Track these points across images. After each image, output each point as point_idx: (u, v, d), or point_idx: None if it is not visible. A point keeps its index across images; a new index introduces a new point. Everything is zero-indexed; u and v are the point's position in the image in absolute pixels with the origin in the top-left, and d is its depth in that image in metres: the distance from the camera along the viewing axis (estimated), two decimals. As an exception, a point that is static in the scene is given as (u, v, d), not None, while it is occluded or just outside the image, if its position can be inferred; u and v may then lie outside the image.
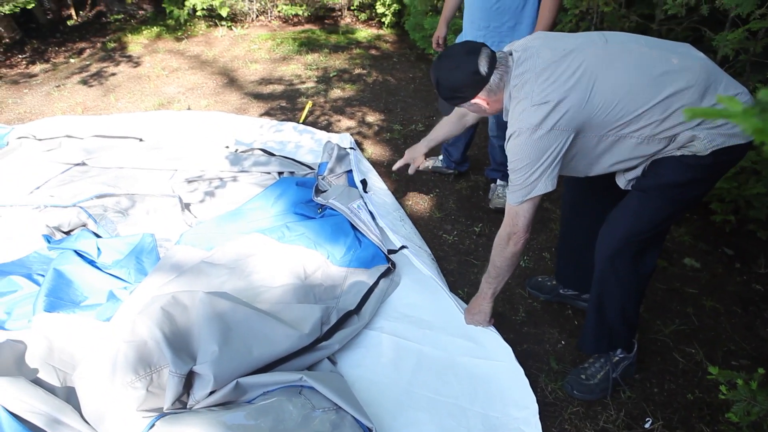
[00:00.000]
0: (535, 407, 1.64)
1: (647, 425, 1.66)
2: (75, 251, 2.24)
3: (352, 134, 3.55)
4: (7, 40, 5.94)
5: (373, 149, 3.42)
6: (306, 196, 2.60)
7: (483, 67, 1.50)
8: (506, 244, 1.64)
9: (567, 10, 3.17)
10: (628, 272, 1.61)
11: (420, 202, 2.87)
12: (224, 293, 1.87)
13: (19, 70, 5.34)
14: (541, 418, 1.62)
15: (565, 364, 1.86)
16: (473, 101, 1.58)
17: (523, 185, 1.51)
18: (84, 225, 2.47)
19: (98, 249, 2.27)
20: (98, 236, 2.39)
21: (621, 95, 1.39)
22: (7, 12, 5.05)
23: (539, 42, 1.51)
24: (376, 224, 2.34)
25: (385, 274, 2.13)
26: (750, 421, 1.29)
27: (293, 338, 1.65)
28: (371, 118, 3.86)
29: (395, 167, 2.30)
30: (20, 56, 5.70)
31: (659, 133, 1.41)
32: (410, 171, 2.26)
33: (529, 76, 1.45)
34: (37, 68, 5.35)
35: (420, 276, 2.18)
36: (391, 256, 2.20)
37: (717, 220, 2.44)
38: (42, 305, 1.93)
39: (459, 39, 2.78)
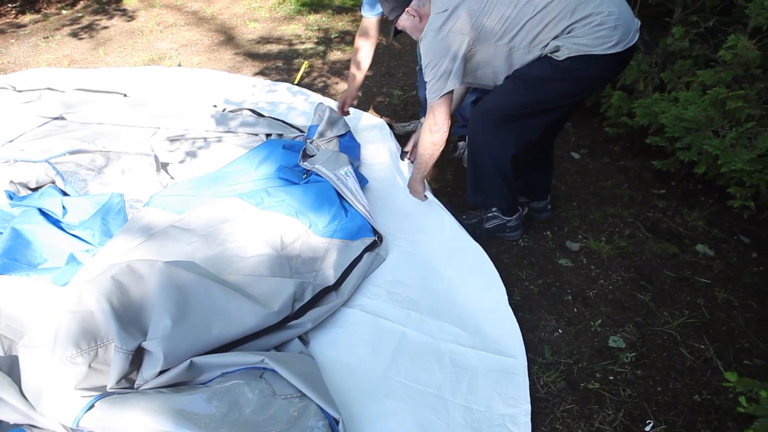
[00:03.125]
0: (527, 407, 1.47)
1: (648, 428, 1.49)
2: (39, 209, 2.08)
3: (349, 98, 3.34)
4: (-2, -12, 5.70)
5: (371, 114, 3.21)
6: (292, 160, 2.40)
7: None
8: (428, 133, 1.96)
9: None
10: (488, 140, 1.96)
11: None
12: (188, 263, 1.71)
13: (8, 20, 5.12)
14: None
15: (561, 356, 1.69)
16: (407, 10, 1.86)
17: (434, 79, 1.81)
18: (52, 182, 2.30)
19: (63, 208, 2.10)
20: (66, 194, 2.23)
21: (509, 10, 1.70)
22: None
23: None
24: (365, 194, 2.17)
25: (370, 248, 1.96)
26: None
27: (259, 316, 1.48)
28: (371, 81, 3.64)
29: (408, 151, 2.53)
30: (10, 5, 5.46)
31: (536, 44, 1.73)
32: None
33: (443, 6, 1.76)
34: (26, 18, 5.13)
35: (410, 250, 2.00)
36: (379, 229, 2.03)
37: (734, 206, 2.25)
38: (-6, 267, 1.78)
39: None
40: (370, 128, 2.85)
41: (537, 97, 1.83)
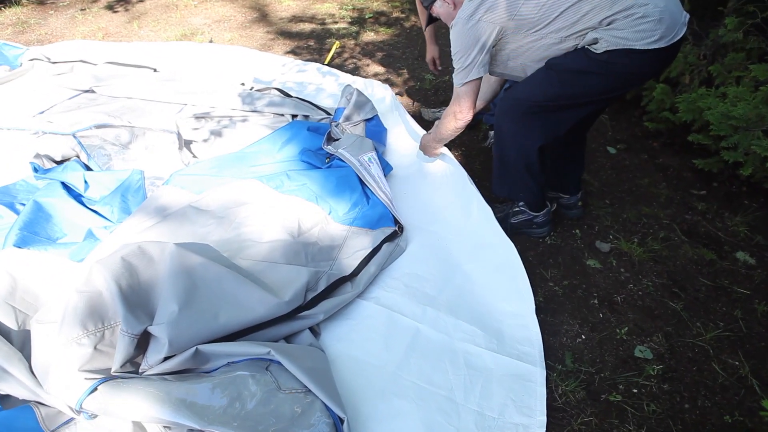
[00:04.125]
0: (543, 418, 1.39)
1: (671, 447, 1.41)
2: (62, 183, 2.08)
3: (379, 80, 3.26)
4: (40, -41, 5.75)
5: (400, 98, 3.13)
6: (317, 143, 2.35)
7: None
8: (452, 119, 1.91)
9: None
10: (514, 130, 1.89)
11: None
12: (201, 245, 1.68)
13: (50, -9, 5.16)
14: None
15: (583, 365, 1.60)
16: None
17: (461, 69, 1.77)
18: (77, 156, 2.30)
19: (85, 182, 2.10)
20: (89, 169, 2.22)
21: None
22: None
23: None
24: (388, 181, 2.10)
25: (390, 238, 1.89)
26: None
27: (269, 305, 1.44)
28: (402, 65, 3.54)
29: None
30: (52, -24, 5.51)
31: (572, 34, 1.66)
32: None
33: None
34: (66, -11, 5.16)
35: (430, 241, 1.93)
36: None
37: (782, 212, 2.11)
38: (14, 239, 1.78)
39: None
40: (392, 111, 2.76)
41: (570, 90, 1.75)
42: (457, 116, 1.88)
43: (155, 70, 3.20)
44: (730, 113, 2.24)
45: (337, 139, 2.39)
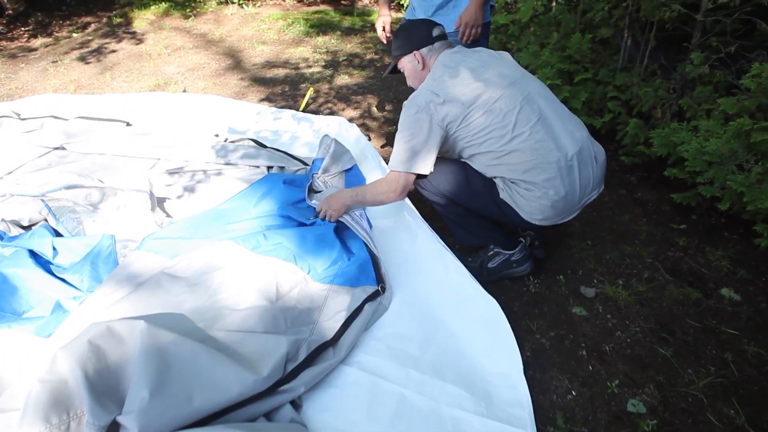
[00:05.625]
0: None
1: None
2: (29, 251, 2.00)
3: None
4: (11, 12, 5.75)
5: (376, 142, 3.12)
6: (294, 196, 2.31)
7: (435, 32, 1.92)
8: (379, 194, 1.93)
9: (598, -3, 2.85)
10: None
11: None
12: (175, 317, 1.61)
13: (20, 44, 5.16)
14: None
15: (575, 424, 1.55)
16: (414, 53, 1.91)
17: (403, 154, 1.80)
18: (45, 220, 2.23)
19: (54, 249, 2.02)
20: (58, 234, 2.15)
21: (488, 118, 1.74)
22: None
23: (486, 54, 1.88)
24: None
25: (372, 297, 1.84)
26: None
27: (246, 382, 1.37)
28: (378, 108, 3.55)
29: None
30: (23, 29, 5.51)
31: (488, 168, 1.83)
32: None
33: (449, 65, 1.82)
34: (38, 42, 5.15)
35: (412, 299, 1.88)
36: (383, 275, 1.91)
37: (762, 245, 2.10)
38: (-25, 317, 1.70)
39: (408, 15, 2.66)
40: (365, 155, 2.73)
41: (471, 200, 1.91)
42: (386, 194, 1.91)
43: (128, 124, 3.15)
44: (703, 149, 2.26)
45: (319, 192, 2.35)
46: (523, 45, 3.57)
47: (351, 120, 3.36)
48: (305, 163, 2.66)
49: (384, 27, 2.60)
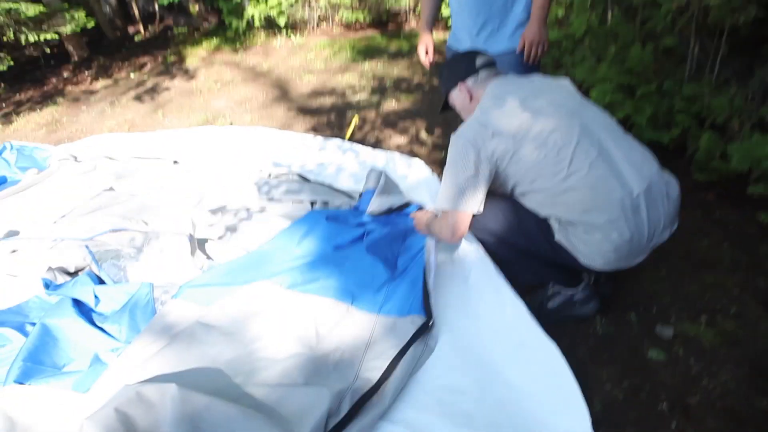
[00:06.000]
0: None
1: None
2: (72, 299, 1.99)
3: (402, 153, 3.13)
4: (76, 59, 6.04)
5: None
6: (337, 232, 2.20)
7: (479, 61, 1.81)
8: (435, 232, 1.84)
9: (660, 5, 2.62)
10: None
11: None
12: (210, 373, 1.52)
13: (84, 87, 5.38)
14: None
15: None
16: (460, 86, 1.81)
17: (449, 191, 1.68)
18: (89, 267, 2.22)
19: (96, 297, 2.00)
20: (102, 281, 2.13)
21: (536, 152, 1.58)
22: (69, 32, 5.07)
23: (540, 81, 1.76)
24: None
25: (418, 334, 1.68)
26: None
27: (281, 447, 1.25)
28: (425, 133, 3.42)
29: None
30: (87, 73, 5.76)
31: (541, 207, 1.66)
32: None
33: (498, 94, 1.69)
34: (99, 84, 5.36)
35: (463, 342, 1.70)
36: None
37: None
38: (16, 373, 1.66)
39: (450, 41, 2.51)
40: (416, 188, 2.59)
41: (523, 241, 1.75)
42: (443, 235, 1.79)
43: (175, 162, 3.17)
44: (793, 163, 2.00)
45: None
46: (578, 60, 3.37)
47: (398, 147, 3.26)
48: (350, 196, 2.56)
49: (427, 51, 2.49)
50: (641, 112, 2.84)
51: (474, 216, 1.72)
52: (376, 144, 3.31)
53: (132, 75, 5.46)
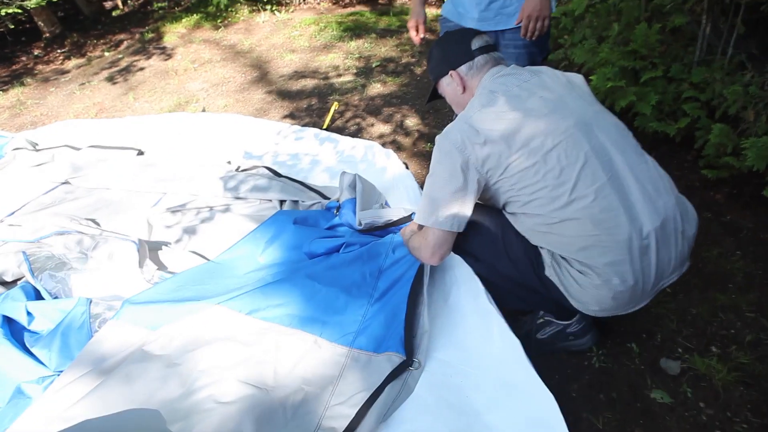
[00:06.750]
0: None
1: None
2: (2, 316, 1.76)
3: (384, 144, 2.88)
4: (47, 35, 5.71)
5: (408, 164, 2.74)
6: (305, 237, 1.96)
7: (475, 43, 1.52)
8: (414, 249, 1.59)
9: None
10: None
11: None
12: (142, 419, 1.29)
13: (55, 66, 5.09)
14: None
15: None
16: (451, 73, 1.54)
17: (430, 203, 1.44)
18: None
19: (28, 313, 1.77)
20: (38, 293, 1.90)
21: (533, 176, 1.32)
22: (34, 6, 4.75)
23: (548, 78, 1.45)
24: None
25: (396, 372, 1.46)
26: None
27: None
28: (411, 121, 3.15)
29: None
30: (59, 51, 5.46)
31: (533, 234, 1.42)
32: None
33: (495, 89, 1.42)
34: (71, 63, 5.07)
35: (440, 377, 1.47)
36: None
37: None
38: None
39: (444, 11, 2.26)
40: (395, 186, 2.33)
41: (507, 268, 1.51)
42: (422, 255, 1.56)
43: (140, 152, 2.92)
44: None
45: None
46: (577, 40, 3.09)
47: (381, 136, 3.00)
48: (323, 195, 2.31)
49: (417, 27, 2.19)
50: (645, 100, 2.58)
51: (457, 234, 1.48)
52: (357, 133, 3.05)
53: (106, 53, 5.16)
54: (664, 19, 2.66)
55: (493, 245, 1.48)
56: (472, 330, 1.55)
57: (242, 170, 2.58)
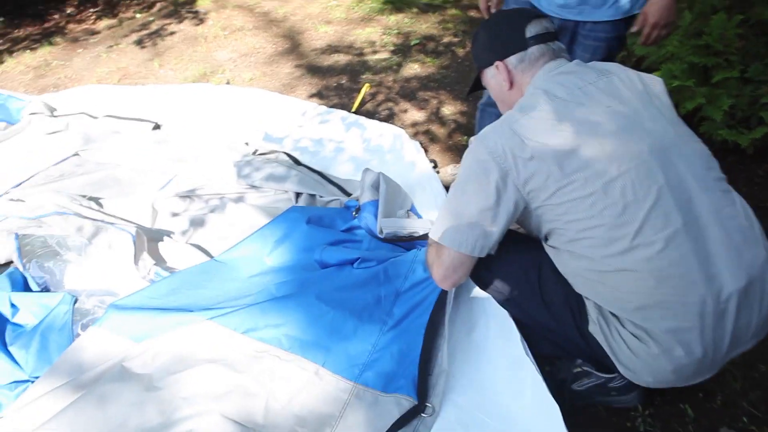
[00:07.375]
0: None
1: None
2: (-14, 306, 1.62)
3: (417, 133, 2.64)
4: (80, -7, 5.55)
5: (437, 158, 2.49)
6: (317, 240, 1.76)
7: (531, 30, 1.25)
8: (431, 270, 1.30)
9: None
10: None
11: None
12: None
13: (86, 26, 4.93)
14: None
15: None
16: (497, 64, 1.29)
17: (451, 218, 1.19)
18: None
19: (12, 305, 1.63)
20: (26, 282, 1.75)
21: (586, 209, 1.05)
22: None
23: (620, 81, 1.17)
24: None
25: (405, 419, 1.26)
26: None
27: None
28: (449, 109, 2.89)
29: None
30: (92, 10, 5.29)
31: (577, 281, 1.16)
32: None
33: (550, 90, 1.16)
34: (102, 24, 4.90)
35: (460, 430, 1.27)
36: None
37: None
38: None
39: None
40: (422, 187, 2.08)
41: (542, 315, 1.27)
42: (433, 274, 1.30)
43: (157, 125, 2.75)
44: None
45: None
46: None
47: (414, 125, 2.75)
48: (343, 190, 2.10)
49: (489, 8, 1.88)
50: (716, 104, 2.28)
51: (480, 261, 1.25)
52: (388, 119, 2.80)
53: (138, 15, 4.98)
54: (748, 10, 2.32)
55: (525, 284, 1.24)
56: (499, 377, 1.33)
57: (260, 154, 2.38)
